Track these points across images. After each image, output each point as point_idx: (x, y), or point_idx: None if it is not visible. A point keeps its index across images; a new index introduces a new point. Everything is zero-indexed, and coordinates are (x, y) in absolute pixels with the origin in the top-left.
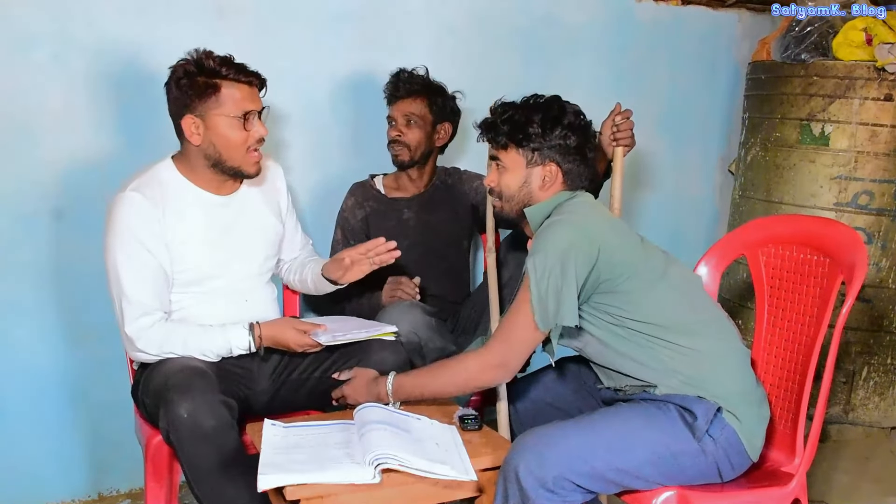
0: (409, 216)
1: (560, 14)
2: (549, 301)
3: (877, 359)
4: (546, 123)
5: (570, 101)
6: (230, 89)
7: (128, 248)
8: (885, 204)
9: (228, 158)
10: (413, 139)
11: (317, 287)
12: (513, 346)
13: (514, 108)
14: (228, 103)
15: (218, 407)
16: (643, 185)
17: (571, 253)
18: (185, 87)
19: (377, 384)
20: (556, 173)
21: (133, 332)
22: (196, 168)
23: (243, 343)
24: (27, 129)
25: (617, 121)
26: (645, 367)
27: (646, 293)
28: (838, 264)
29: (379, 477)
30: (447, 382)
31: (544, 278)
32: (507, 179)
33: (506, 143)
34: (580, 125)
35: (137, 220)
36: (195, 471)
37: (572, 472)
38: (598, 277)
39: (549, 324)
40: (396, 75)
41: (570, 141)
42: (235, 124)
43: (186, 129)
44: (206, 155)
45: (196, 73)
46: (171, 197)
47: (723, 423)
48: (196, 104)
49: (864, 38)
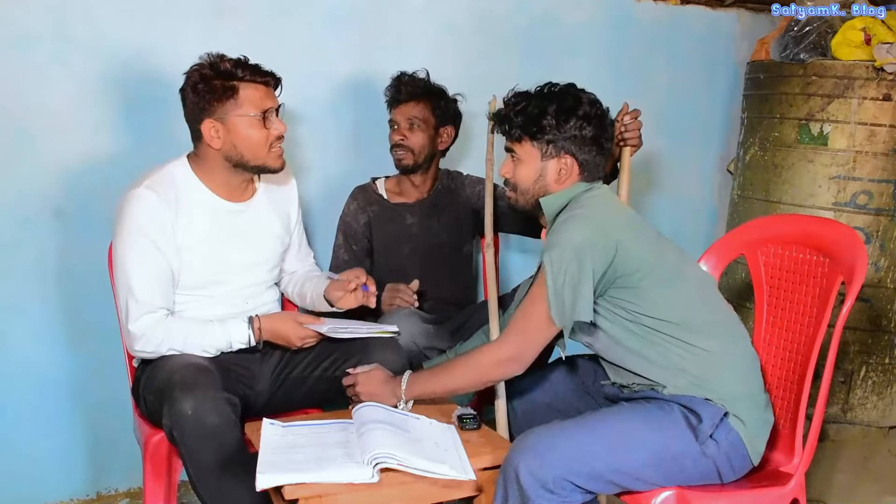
0: (412, 221)
1: (560, 13)
2: (565, 296)
3: (875, 358)
4: (560, 115)
5: (586, 90)
6: (247, 90)
7: (138, 246)
8: (883, 204)
9: (252, 158)
10: (416, 143)
11: (314, 305)
12: (528, 339)
13: (527, 98)
14: (247, 104)
15: (221, 404)
16: (642, 184)
17: (588, 248)
18: (202, 92)
19: (393, 381)
20: (571, 165)
21: (137, 329)
22: (212, 171)
23: (242, 336)
24: (27, 129)
25: (625, 121)
26: (654, 365)
27: (661, 290)
28: (838, 264)
29: (378, 476)
30: (461, 378)
31: (561, 273)
32: (521, 172)
33: (520, 135)
34: (596, 115)
35: (150, 218)
36: (198, 468)
37: (572, 472)
38: (614, 272)
39: (565, 319)
40: (398, 79)
41: (586, 132)
42: (255, 124)
43: (206, 134)
44: (226, 157)
45: (213, 77)
46: (184, 199)
47: (728, 427)
48: (215, 107)
49: (862, 38)
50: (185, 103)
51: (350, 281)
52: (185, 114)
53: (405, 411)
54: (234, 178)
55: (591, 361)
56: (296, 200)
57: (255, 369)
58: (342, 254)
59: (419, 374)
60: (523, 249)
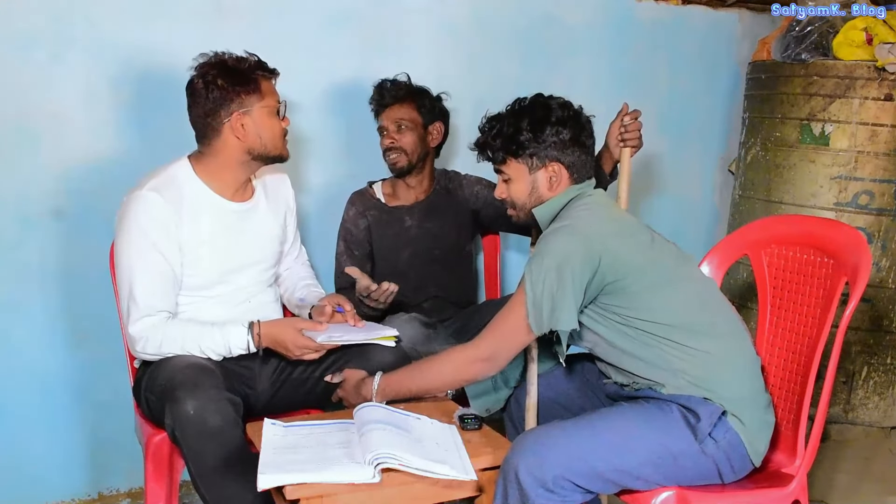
0: (411, 224)
1: (560, 14)
2: (543, 305)
3: (877, 358)
4: (535, 126)
5: (554, 95)
6: (265, 83)
7: (139, 248)
8: (885, 204)
9: (273, 148)
10: (407, 143)
11: (300, 314)
12: (503, 342)
13: (500, 120)
14: (268, 96)
15: (224, 405)
16: (643, 184)
17: (568, 260)
18: (227, 86)
19: (364, 385)
20: (560, 171)
21: (135, 332)
22: (220, 170)
23: (241, 342)
24: (27, 129)
25: (625, 121)
26: (652, 366)
27: (654, 293)
28: (842, 265)
29: (379, 476)
30: (435, 377)
31: (539, 282)
32: (515, 190)
33: (503, 157)
34: (569, 116)
35: (153, 221)
36: (200, 468)
37: (572, 472)
38: (602, 280)
39: (543, 327)
40: (380, 85)
41: (564, 135)
42: (273, 114)
43: (234, 127)
44: (250, 149)
45: (234, 72)
46: (187, 200)
47: (726, 426)
48: (243, 100)
49: (864, 38)
50: (199, 100)
51: (325, 305)
52: (197, 111)
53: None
54: (241, 176)
55: (594, 360)
56: (292, 198)
57: (255, 369)
58: (344, 260)
59: (392, 376)
60: (523, 249)
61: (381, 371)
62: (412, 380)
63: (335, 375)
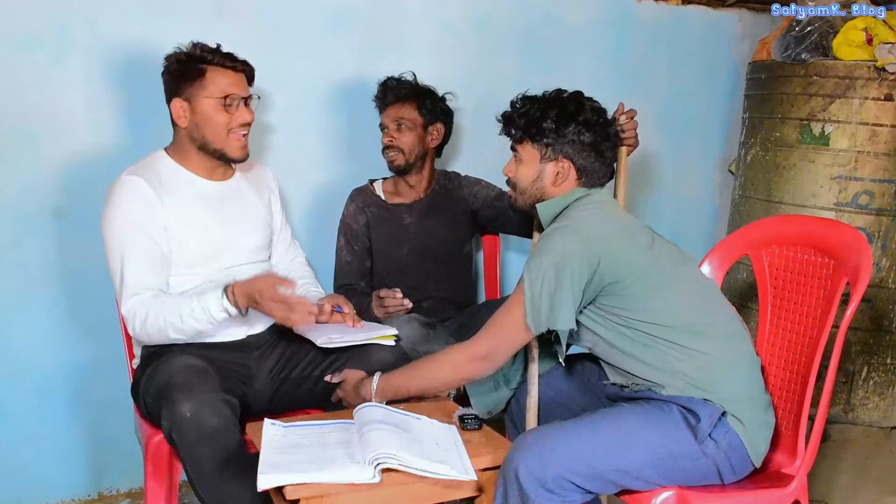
0: (410, 221)
1: (560, 14)
2: (541, 304)
3: (877, 358)
4: (561, 119)
5: (594, 99)
6: (215, 74)
7: (124, 230)
8: (885, 204)
9: (212, 140)
10: (405, 142)
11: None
12: (501, 341)
13: (532, 102)
14: (212, 87)
15: (220, 406)
16: (643, 184)
17: (568, 259)
18: (174, 73)
19: (363, 385)
20: (569, 169)
21: (126, 311)
22: (187, 154)
23: (218, 305)
24: (28, 128)
25: (621, 121)
26: (652, 367)
27: (653, 295)
28: (843, 266)
29: (379, 476)
30: (433, 376)
31: (538, 281)
32: (521, 172)
33: (521, 136)
34: (598, 122)
35: (136, 202)
36: (197, 470)
37: (572, 472)
38: (601, 281)
39: (540, 326)
40: (384, 83)
41: (585, 137)
42: (219, 107)
43: (175, 112)
44: (192, 137)
45: (185, 60)
46: (167, 181)
47: (726, 427)
48: (184, 87)
49: (864, 38)
50: (163, 85)
51: (324, 305)
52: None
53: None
54: (207, 161)
55: (594, 360)
56: (275, 188)
57: (253, 368)
58: (345, 256)
59: (391, 376)
60: (523, 250)
61: (381, 371)
62: (411, 379)
63: (335, 375)
